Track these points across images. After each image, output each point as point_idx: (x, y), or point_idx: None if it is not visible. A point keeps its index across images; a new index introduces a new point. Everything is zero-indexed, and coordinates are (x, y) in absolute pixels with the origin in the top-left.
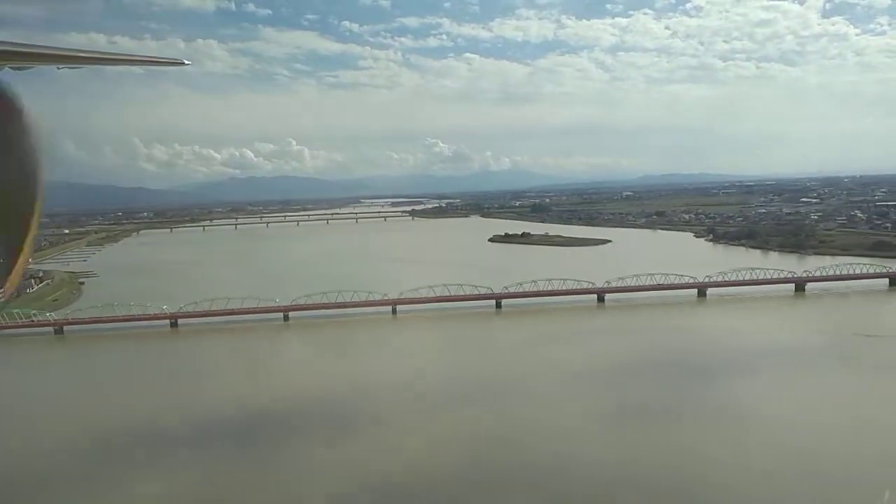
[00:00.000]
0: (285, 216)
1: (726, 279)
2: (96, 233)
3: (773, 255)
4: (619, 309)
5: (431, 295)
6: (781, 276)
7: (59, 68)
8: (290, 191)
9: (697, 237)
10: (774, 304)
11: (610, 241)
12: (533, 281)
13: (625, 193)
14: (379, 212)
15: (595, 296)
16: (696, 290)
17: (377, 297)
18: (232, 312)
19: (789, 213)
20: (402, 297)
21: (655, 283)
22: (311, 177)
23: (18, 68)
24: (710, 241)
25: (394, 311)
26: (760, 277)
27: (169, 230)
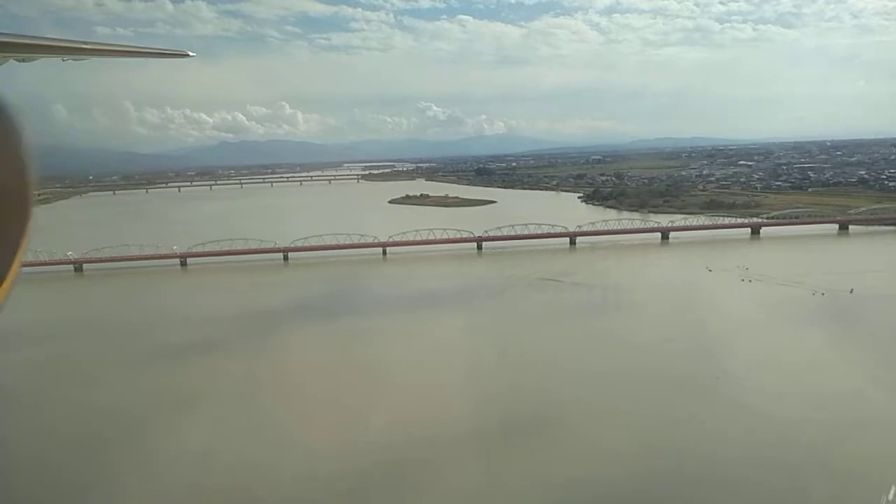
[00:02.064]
0: (240, 180)
1: (505, 234)
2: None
3: (622, 213)
4: (394, 262)
5: (219, 249)
6: (559, 231)
7: (63, 60)
8: (281, 155)
9: (579, 198)
10: (530, 255)
11: (495, 201)
12: (324, 235)
13: (592, 157)
14: (332, 175)
15: (381, 249)
16: (475, 244)
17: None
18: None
19: (698, 176)
20: (191, 251)
21: (436, 237)
22: (304, 141)
23: (23, 60)
24: (583, 201)
25: (183, 264)
26: (542, 232)
27: (112, 193)
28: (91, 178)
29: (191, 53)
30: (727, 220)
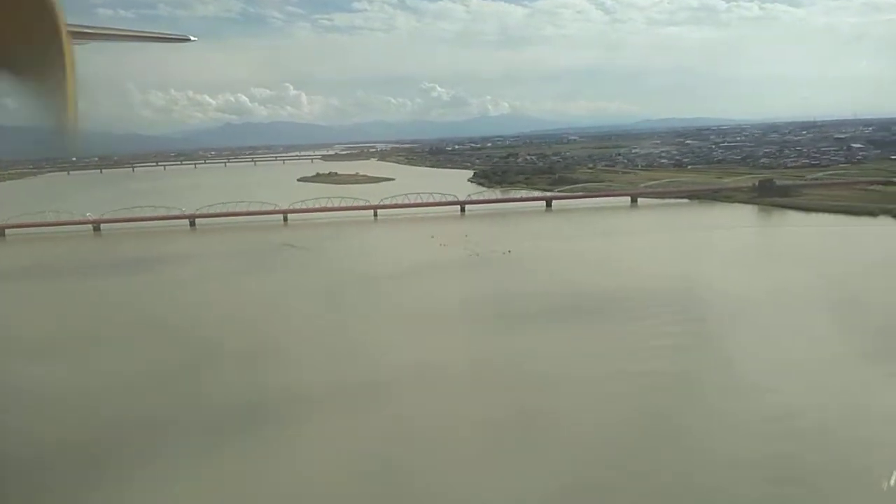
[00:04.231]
0: (205, 160)
1: (310, 206)
2: None
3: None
4: (202, 232)
5: (35, 220)
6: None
7: None
8: (284, 136)
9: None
10: (321, 227)
11: (393, 179)
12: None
13: (570, 137)
14: (294, 155)
15: (187, 221)
16: (281, 216)
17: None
18: None
19: (618, 154)
20: (8, 222)
21: (246, 210)
22: (308, 122)
23: None
24: (470, 179)
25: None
26: (347, 205)
27: (67, 173)
28: (74, 159)
29: (192, 38)
30: (524, 194)
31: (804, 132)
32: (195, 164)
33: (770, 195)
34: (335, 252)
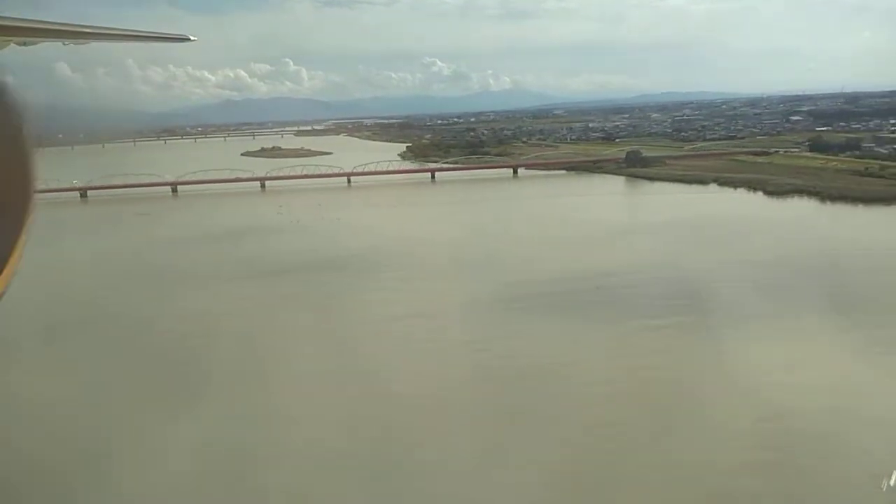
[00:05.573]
0: (181, 136)
1: (198, 178)
2: None
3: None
4: (94, 203)
5: None
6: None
7: (64, 44)
8: (284, 112)
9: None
10: (203, 198)
11: (331, 153)
12: None
13: (554, 112)
14: (262, 131)
15: (78, 193)
16: (170, 188)
17: None
18: None
19: (569, 130)
20: None
21: (139, 182)
22: (308, 98)
23: (24, 44)
24: (401, 153)
25: None
26: (233, 177)
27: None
28: (60, 136)
29: (192, 38)
30: (409, 166)
31: (780, 105)
32: (165, 140)
33: (635, 165)
34: (177, 220)
